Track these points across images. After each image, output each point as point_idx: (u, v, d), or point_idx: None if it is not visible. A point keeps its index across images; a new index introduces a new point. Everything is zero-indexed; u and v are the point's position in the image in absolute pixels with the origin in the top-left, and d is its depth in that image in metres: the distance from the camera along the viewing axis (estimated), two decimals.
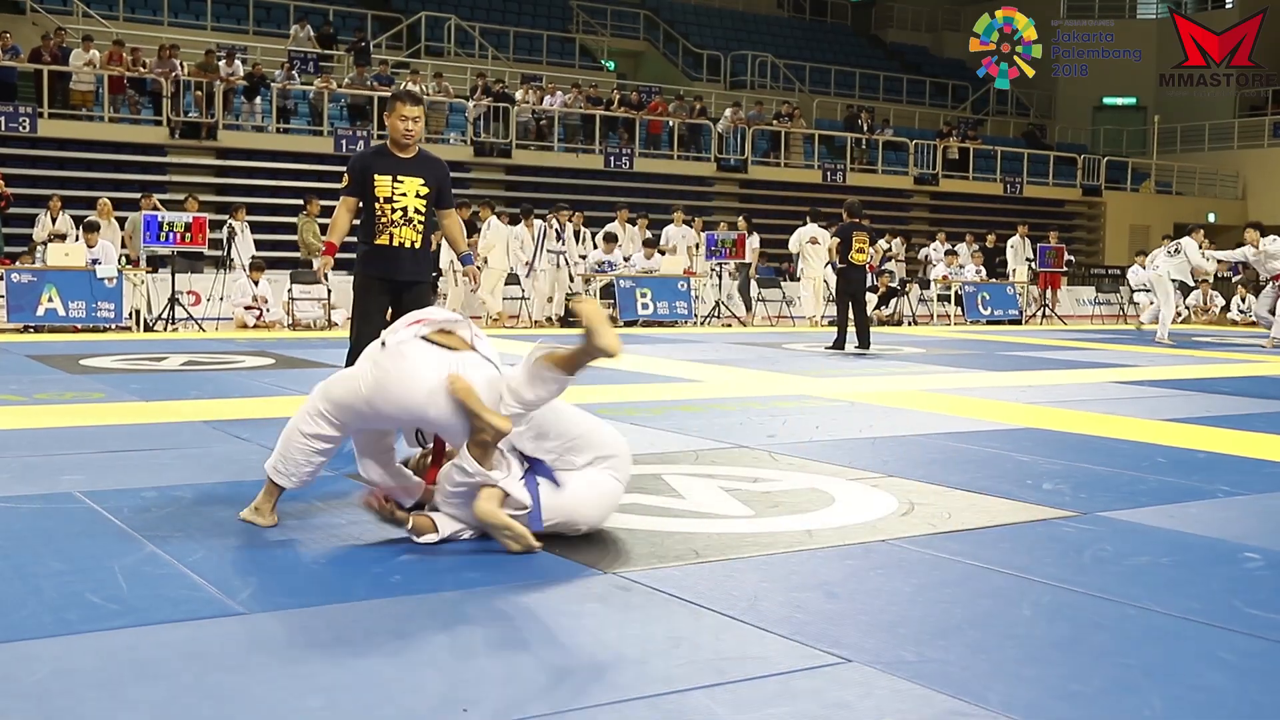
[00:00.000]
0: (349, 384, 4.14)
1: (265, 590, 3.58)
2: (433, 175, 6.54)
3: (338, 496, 4.90)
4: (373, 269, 6.56)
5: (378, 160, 6.55)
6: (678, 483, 5.28)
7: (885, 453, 6.31)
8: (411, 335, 4.10)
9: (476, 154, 24.32)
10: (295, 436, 4.24)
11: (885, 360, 12.47)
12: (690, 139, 27.21)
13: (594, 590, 3.65)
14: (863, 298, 13.90)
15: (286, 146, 22.47)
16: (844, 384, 9.81)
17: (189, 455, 5.85)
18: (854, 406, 8.28)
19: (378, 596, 3.54)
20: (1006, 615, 3.48)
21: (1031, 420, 7.69)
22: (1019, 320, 21.25)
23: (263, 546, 4.10)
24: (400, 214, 6.45)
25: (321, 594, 3.55)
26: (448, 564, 3.90)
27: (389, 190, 6.46)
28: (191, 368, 10.29)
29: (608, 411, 7.42)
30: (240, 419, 7.04)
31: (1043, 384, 10.19)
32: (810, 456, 6.06)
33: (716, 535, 4.34)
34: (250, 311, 16.11)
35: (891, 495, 5.11)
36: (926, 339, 16.35)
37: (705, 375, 10.36)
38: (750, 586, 3.72)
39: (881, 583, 3.79)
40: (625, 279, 17.80)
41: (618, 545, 4.14)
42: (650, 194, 24.64)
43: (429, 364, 4.03)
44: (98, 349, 11.87)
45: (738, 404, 8.27)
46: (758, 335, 16.39)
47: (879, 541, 4.31)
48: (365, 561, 3.93)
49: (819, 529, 4.48)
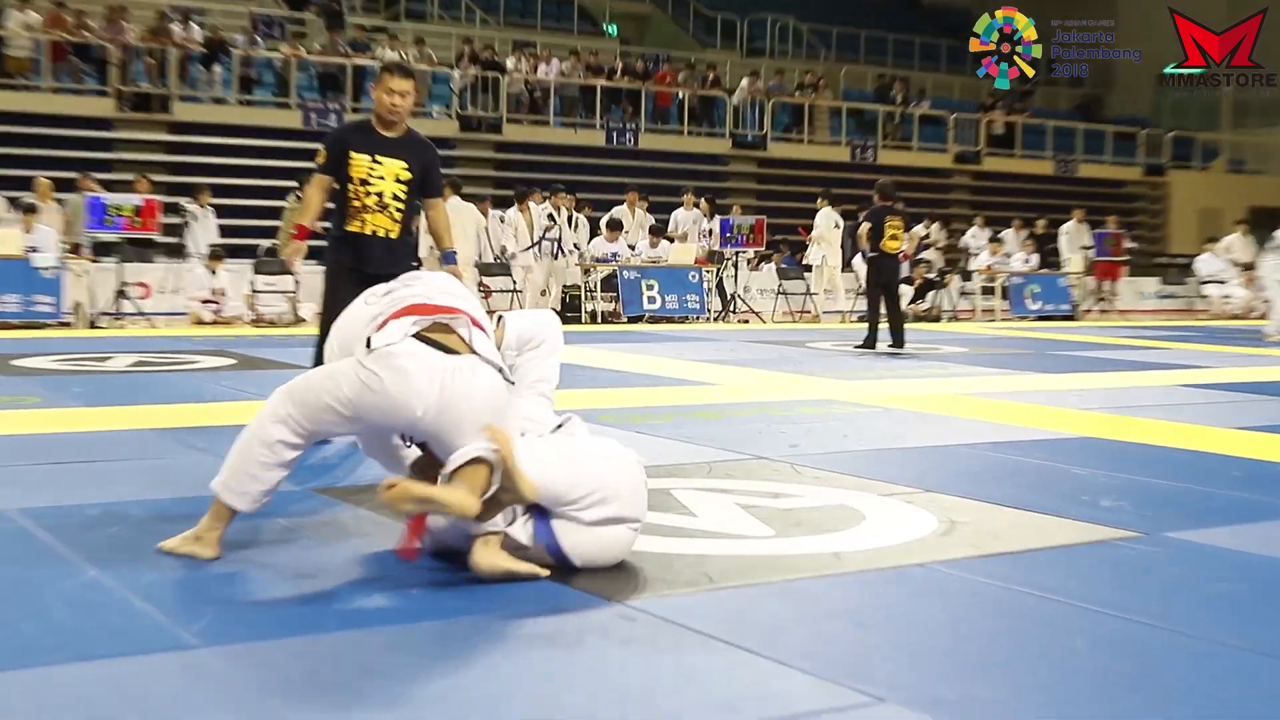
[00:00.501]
0: (324, 387, 4.03)
1: (222, 621, 3.56)
2: (417, 158, 6.52)
3: (306, 515, 4.88)
4: (341, 258, 6.55)
5: (357, 136, 6.53)
6: (689, 499, 5.26)
7: (922, 465, 6.29)
8: (401, 334, 4.01)
9: (463, 129, 24.35)
10: (252, 447, 4.10)
11: (922, 360, 12.45)
12: (702, 113, 27.23)
13: (594, 621, 3.63)
14: (896, 290, 13.89)
15: (249, 120, 22.51)
16: (876, 387, 9.80)
17: (138, 468, 5.84)
18: (887, 412, 8.26)
19: (350, 629, 3.52)
20: (1060, 649, 3.46)
21: (1088, 428, 7.67)
22: (1073, 316, 21.25)
23: (220, 572, 4.07)
24: (375, 199, 6.44)
25: (286, 626, 3.54)
26: (429, 591, 3.88)
27: (365, 171, 6.44)
28: (141, 369, 10.28)
29: (610, 419, 7.40)
30: (196, 426, 7.03)
31: (1100, 387, 10.16)
32: (838, 469, 6.05)
33: (732, 558, 4.33)
34: (208, 306, 16.13)
35: (929, 513, 5.10)
36: (968, 337, 16.33)
37: (719, 377, 10.34)
38: (770, 616, 3.70)
39: (918, 611, 3.78)
40: (630, 269, 17.80)
41: (621, 570, 4.13)
42: (657, 174, 24.65)
43: (425, 373, 3.94)
44: (34, 347, 11.88)
45: (756, 410, 8.26)
46: (779, 333, 16.38)
47: (915, 565, 4.29)
48: (336, 589, 3.91)
49: (848, 551, 4.46)
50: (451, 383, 3.95)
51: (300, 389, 4.11)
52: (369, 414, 4.02)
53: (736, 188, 26.30)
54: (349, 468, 5.94)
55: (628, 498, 4.12)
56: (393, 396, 3.94)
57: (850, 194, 23.91)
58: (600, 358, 11.66)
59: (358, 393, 3.98)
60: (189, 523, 4.48)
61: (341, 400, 4.00)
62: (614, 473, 4.13)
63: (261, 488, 4.15)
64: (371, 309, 4.23)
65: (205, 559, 4.16)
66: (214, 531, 4.20)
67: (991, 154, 29.79)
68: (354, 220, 6.47)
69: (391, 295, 4.27)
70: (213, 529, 4.20)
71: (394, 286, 4.34)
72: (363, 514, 4.91)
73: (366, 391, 3.96)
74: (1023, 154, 30.21)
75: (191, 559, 4.17)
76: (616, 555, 4.14)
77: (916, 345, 14.03)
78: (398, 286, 4.32)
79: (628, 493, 4.12)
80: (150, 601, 3.69)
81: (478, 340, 4.11)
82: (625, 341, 14.14)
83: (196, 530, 4.23)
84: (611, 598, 3.83)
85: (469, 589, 3.90)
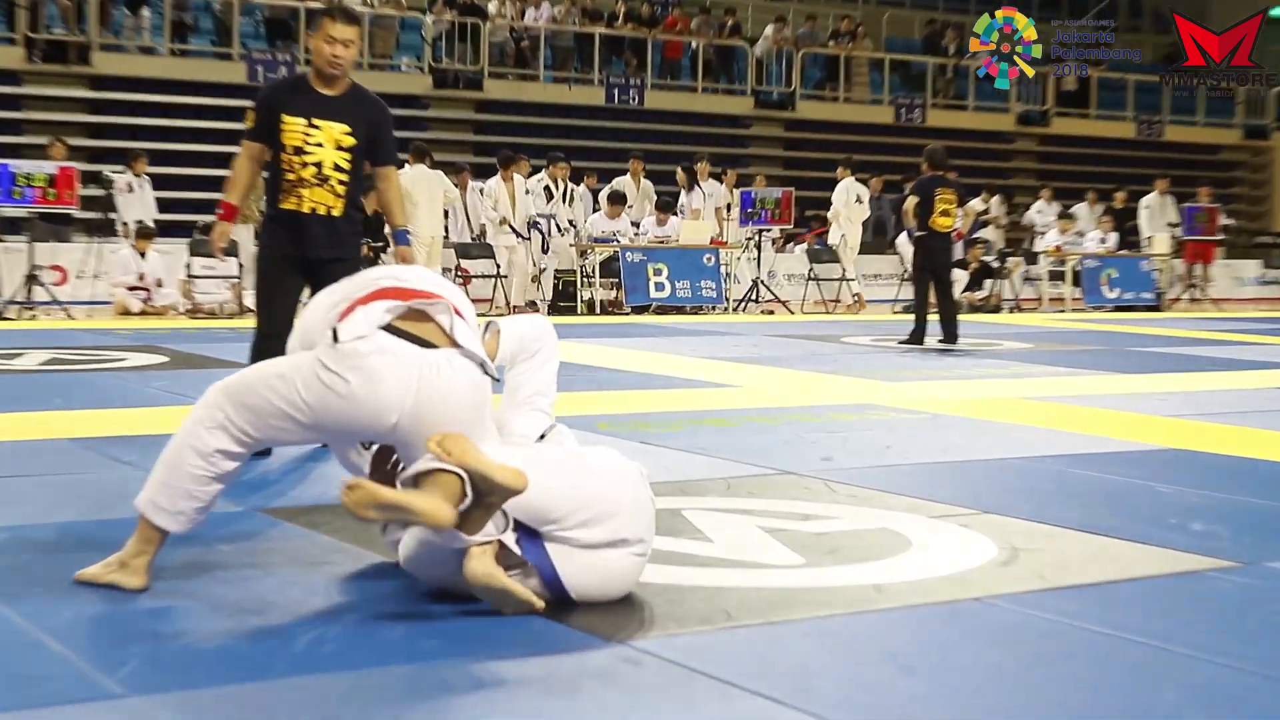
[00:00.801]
0: (276, 388, 4.00)
1: (152, 666, 3.56)
2: (363, 120, 6.48)
3: (249, 539, 4.88)
4: (276, 242, 6.55)
5: (291, 96, 6.50)
6: (703, 521, 5.26)
7: (979, 481, 6.29)
8: (372, 326, 3.98)
9: (437, 85, 24.38)
10: (184, 458, 4.09)
11: (978, 358, 12.45)
12: (720, 66, 27.23)
13: (593, 664, 3.62)
14: (948, 275, 13.88)
15: (183, 74, 22.55)
16: (923, 390, 9.79)
17: (51, 484, 5.84)
18: (937, 420, 8.26)
19: (303, 673, 3.52)
20: (1144, 700, 3.46)
21: (1175, 439, 7.67)
22: (1157, 305, 21.25)
23: (148, 607, 4.07)
24: (313, 170, 6.41)
25: (227, 670, 3.54)
26: (397, 628, 3.88)
27: (300, 138, 6.41)
28: (55, 367, 10.29)
29: (609, 427, 7.41)
30: (121, 436, 7.03)
31: (1190, 390, 10.16)
32: (879, 486, 6.05)
33: (754, 591, 4.32)
34: (135, 293, 16.14)
35: (987, 538, 5.09)
36: (1033, 330, 16.32)
37: (740, 378, 10.34)
38: (799, 659, 3.70)
39: (974, 655, 3.77)
40: (633, 251, 17.81)
41: (624, 605, 4.13)
42: (667, 138, 24.68)
43: (399, 374, 3.94)
44: None
45: (783, 416, 8.26)
46: (809, 326, 16.38)
47: (971, 600, 4.29)
48: (286, 626, 3.91)
49: (890, 583, 4.46)
50: (428, 382, 3.95)
51: (243, 389, 4.07)
52: (332, 422, 4.01)
53: (760, 154, 26.32)
54: (297, 482, 5.95)
55: (630, 517, 4.10)
56: (361, 403, 3.93)
57: (893, 162, 23.94)
58: (599, 355, 11.65)
59: (319, 397, 3.95)
60: (112, 548, 4.48)
61: (298, 406, 3.98)
62: (614, 487, 4.12)
63: (196, 505, 4.13)
64: (334, 295, 4.22)
65: (132, 589, 4.14)
66: (142, 557, 4.18)
67: (1061, 114, 29.80)
68: (289, 196, 6.43)
69: (359, 278, 4.27)
70: (140, 554, 4.18)
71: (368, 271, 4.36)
72: (318, 538, 4.91)
73: (330, 396, 3.94)
74: (1098, 114, 30.22)
75: (115, 590, 4.16)
76: (620, 586, 4.13)
77: (972, 340, 14.02)
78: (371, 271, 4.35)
79: (630, 511, 4.11)
80: (66, 643, 3.69)
81: (459, 330, 4.10)
82: (628, 336, 14.13)
83: (121, 556, 4.21)
84: (612, 637, 3.82)
85: (444, 625, 3.91)
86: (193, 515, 4.15)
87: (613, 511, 4.06)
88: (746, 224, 19.16)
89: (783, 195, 19.20)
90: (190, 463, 4.09)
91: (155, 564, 4.21)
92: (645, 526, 4.16)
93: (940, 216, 13.50)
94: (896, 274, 20.36)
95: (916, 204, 13.56)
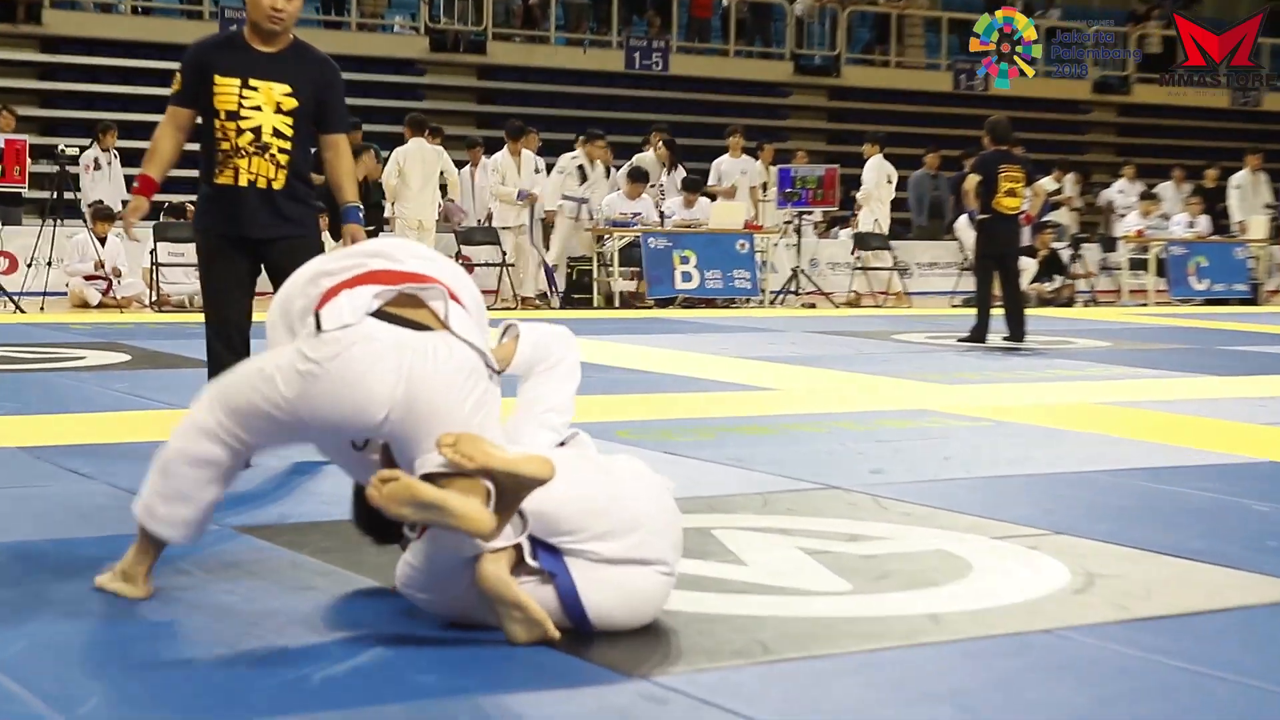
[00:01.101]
0: (256, 385, 4.07)
1: (116, 701, 3.58)
2: (307, 80, 6.41)
3: (227, 562, 4.90)
4: (212, 222, 6.49)
5: (223, 54, 6.43)
6: (736, 541, 5.26)
7: (1049, 498, 6.29)
8: (358, 313, 4.02)
9: (434, 48, 24.43)
10: (177, 464, 4.19)
11: (1048, 358, 12.43)
12: (754, 26, 27.22)
13: (612, 702, 3.64)
14: (1014, 264, 13.86)
15: (147, 35, 22.62)
16: (985, 394, 9.79)
17: (1, 499, 5.87)
18: (1001, 428, 8.26)
19: (288, 712, 3.53)
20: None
21: (1273, 450, 7.66)
22: (1252, 298, 21.17)
23: (114, 636, 4.11)
24: (250, 137, 6.34)
25: (202, 707, 3.55)
26: (393, 659, 3.90)
27: (234, 101, 6.34)
28: (4, 367, 10.33)
29: (631, 435, 7.41)
30: (79, 444, 7.06)
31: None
32: (935, 503, 6.05)
33: (794, 621, 4.33)
34: (94, 283, 16.18)
35: (1059, 562, 5.08)
36: (1111, 327, 16.29)
37: (777, 380, 10.35)
38: (846, 698, 3.70)
39: (1043, 694, 3.77)
40: (657, 236, 17.80)
41: (649, 636, 4.13)
42: (694, 108, 24.70)
43: (386, 362, 3.98)
44: None
45: (826, 423, 8.26)
46: (856, 321, 16.37)
47: (1041, 632, 4.29)
48: (269, 657, 3.93)
49: (949, 613, 4.46)
50: (419, 368, 3.99)
51: (230, 389, 4.17)
52: (315, 419, 4.05)
53: (800, 127, 26.32)
54: (279, 498, 5.97)
55: (656, 532, 4.11)
56: (346, 396, 3.97)
57: (951, 135, 23.89)
58: (618, 353, 11.65)
59: (298, 392, 4.00)
60: (72, 571, 4.52)
61: (278, 403, 4.03)
62: (638, 498, 4.13)
63: (193, 513, 4.26)
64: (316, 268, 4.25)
65: (134, 599, 4.31)
66: (141, 566, 4.35)
67: (1145, 80, 29.68)
68: (223, 169, 6.36)
69: (346, 254, 4.30)
70: (140, 563, 4.35)
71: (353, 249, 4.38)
72: (302, 560, 4.93)
73: (310, 390, 3.99)
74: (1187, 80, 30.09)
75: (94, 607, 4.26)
76: (644, 607, 4.14)
77: (1041, 338, 13.99)
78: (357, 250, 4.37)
79: (656, 526, 4.12)
80: (20, 677, 3.71)
81: (455, 317, 4.12)
82: (651, 332, 14.14)
83: (122, 565, 4.38)
84: (634, 672, 3.83)
85: (444, 656, 3.92)
86: (190, 525, 4.29)
87: (636, 524, 4.07)
88: (785, 205, 19.13)
89: (826, 173, 19.17)
90: (183, 470, 4.20)
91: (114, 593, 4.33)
92: (672, 545, 4.17)
93: (1005, 197, 13.47)
94: (955, 262, 20.33)
95: (978, 183, 13.53)
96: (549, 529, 4.01)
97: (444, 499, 3.79)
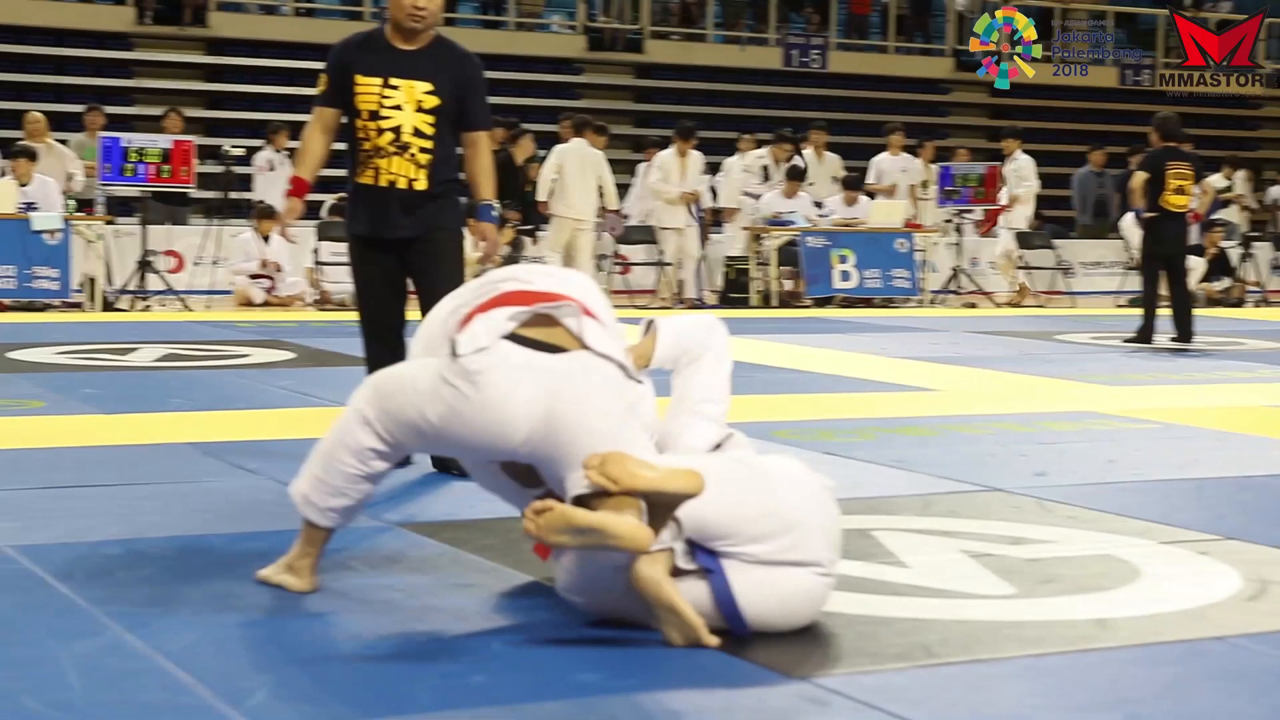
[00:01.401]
0: (410, 398, 4.16)
1: (283, 695, 3.64)
2: (448, 78, 6.34)
3: (385, 557, 4.97)
4: (356, 224, 6.50)
5: (363, 54, 6.38)
6: (897, 543, 5.25)
7: (1220, 502, 6.21)
8: (493, 336, 4.08)
9: (591, 47, 24.54)
10: (337, 454, 4.28)
11: (1217, 359, 12.26)
12: (914, 22, 27.05)
13: (772, 704, 3.64)
14: (1182, 263, 13.67)
15: (309, 36, 22.87)
16: (1153, 396, 9.67)
17: (169, 494, 5.98)
18: (1169, 430, 8.15)
19: (450, 707, 3.57)
20: None
21: None
22: None
23: (280, 631, 4.18)
24: (390, 137, 6.29)
25: (366, 702, 3.60)
26: (554, 658, 3.93)
27: (376, 100, 6.31)
28: (171, 364, 10.52)
29: (788, 435, 7.41)
30: (245, 440, 7.19)
31: None
32: (1101, 506, 5.99)
33: (958, 624, 4.31)
34: (258, 282, 16.42)
35: (1230, 568, 5.02)
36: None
37: (938, 380, 10.29)
38: (1010, 704, 3.68)
39: (1215, 703, 3.73)
40: (815, 235, 17.76)
41: (810, 638, 4.13)
42: (853, 106, 24.57)
43: (525, 389, 4.02)
44: (35, 335, 12.24)
45: (988, 425, 8.20)
46: (1018, 320, 16.22)
47: (1212, 639, 4.23)
48: (431, 653, 3.98)
49: (1116, 618, 4.41)
50: (559, 390, 4.04)
51: (387, 389, 4.26)
52: (456, 439, 4.16)
53: (961, 124, 26.10)
54: (439, 495, 6.01)
55: (814, 533, 4.10)
56: (485, 419, 4.05)
57: (1118, 132, 23.59)
58: (775, 353, 11.65)
59: (441, 413, 4.10)
60: (239, 564, 4.59)
61: (425, 417, 4.14)
62: (795, 499, 4.13)
63: (346, 503, 4.35)
64: (453, 301, 4.34)
65: (299, 592, 4.40)
66: (306, 559, 4.45)
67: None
68: (365, 169, 6.34)
69: (480, 283, 4.37)
70: (305, 555, 4.45)
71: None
72: (463, 557, 4.98)
73: (452, 412, 4.08)
74: None
75: (258, 601, 4.35)
76: (802, 610, 4.13)
77: (1210, 339, 13.79)
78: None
79: (814, 526, 4.11)
80: (188, 669, 3.78)
81: (590, 333, 4.16)
82: (809, 332, 14.12)
83: (287, 558, 4.49)
84: (794, 673, 3.83)
85: (605, 655, 3.94)
86: (343, 514, 4.38)
87: (793, 525, 4.07)
88: (945, 204, 19.00)
89: (987, 171, 19.00)
90: (343, 459, 4.29)
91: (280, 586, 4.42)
92: (832, 545, 4.17)
93: (1173, 195, 13.29)
94: (1121, 261, 20.05)
95: (1145, 181, 13.36)
96: (707, 533, 4.03)
97: (600, 522, 3.83)
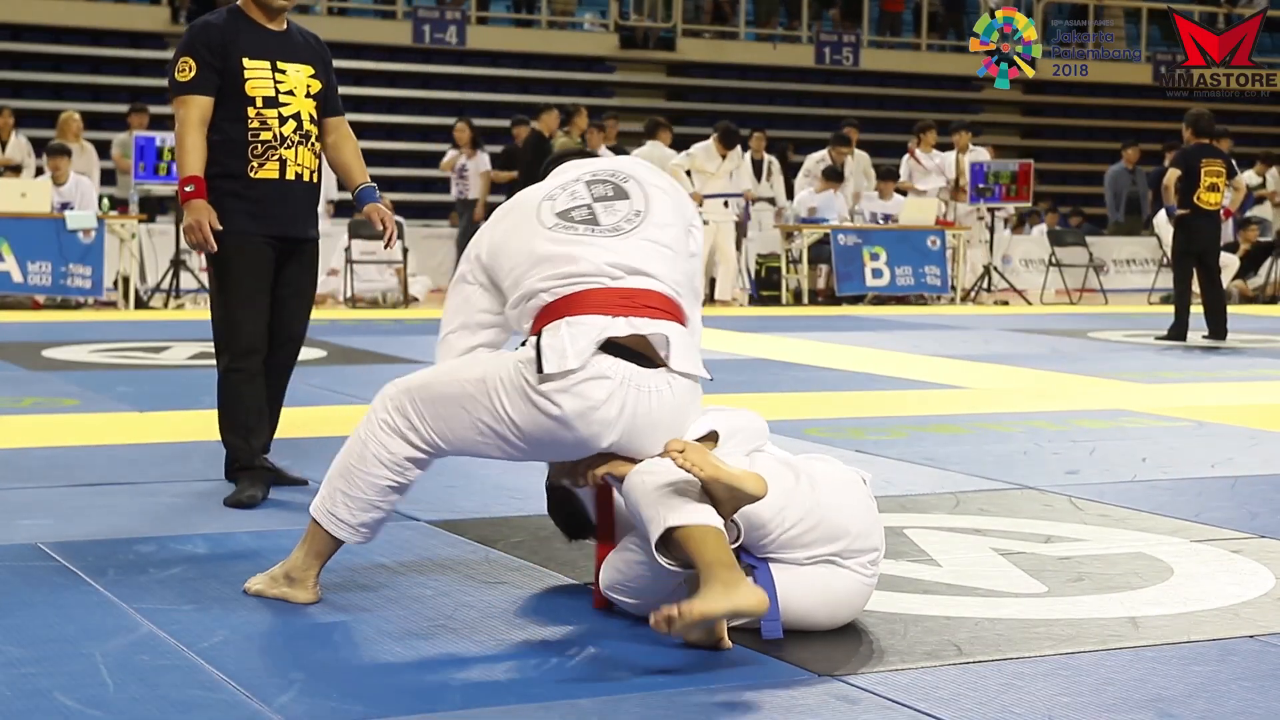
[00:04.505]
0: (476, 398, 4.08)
1: (314, 692, 3.65)
2: (320, 62, 5.97)
3: (417, 555, 4.98)
4: (249, 224, 5.78)
5: (240, 35, 5.82)
6: (929, 541, 5.25)
7: (1254, 500, 6.18)
8: (584, 356, 4.00)
9: (623, 45, 24.55)
10: (368, 466, 4.19)
11: (1251, 357, 12.22)
12: (947, 19, 26.98)
13: (803, 701, 3.64)
14: (1215, 260, 13.62)
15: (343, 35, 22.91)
16: (1186, 394, 9.65)
17: (202, 492, 6.00)
18: (1202, 429, 8.13)
19: (480, 705, 3.58)
20: None
21: None
22: None
23: (310, 628, 4.19)
24: (293, 125, 5.82)
25: (396, 699, 3.62)
26: (583, 656, 3.94)
27: (269, 85, 5.80)
28: (204, 363, 10.56)
29: (819, 433, 7.41)
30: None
31: None
32: (1134, 505, 5.98)
33: (989, 622, 4.31)
34: None
35: (1264, 567, 5.01)
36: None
37: (969, 378, 10.28)
38: (1041, 702, 3.67)
39: (1248, 702, 3.71)
40: (847, 233, 17.74)
41: (840, 636, 4.14)
42: (885, 103, 24.56)
43: (614, 400, 4.01)
44: (69, 334, 12.30)
45: (1019, 423, 8.19)
46: (1050, 318, 16.19)
47: (1245, 639, 4.22)
48: (461, 650, 3.99)
49: (1148, 616, 4.41)
50: (641, 404, 4.04)
51: (435, 396, 4.15)
52: (539, 446, 4.12)
53: (994, 122, 26.03)
54: (466, 492, 6.02)
55: (856, 526, 4.12)
56: (575, 429, 4.03)
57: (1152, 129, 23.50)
58: (807, 351, 11.64)
59: (528, 419, 4.04)
60: (268, 561, 4.60)
61: (505, 422, 4.06)
62: (835, 495, 4.14)
63: (377, 516, 4.27)
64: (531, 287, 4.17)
65: (302, 604, 4.32)
66: (311, 570, 4.35)
67: None
68: (267, 161, 5.77)
69: (558, 276, 4.15)
70: (310, 567, 4.35)
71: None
72: (494, 554, 4.99)
73: (541, 419, 4.03)
74: None
75: (278, 604, 4.33)
76: (841, 612, 4.15)
77: (1244, 336, 13.75)
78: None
79: (856, 520, 4.13)
80: (220, 665, 3.80)
81: (675, 353, 4.09)
82: (840, 329, 14.11)
83: (288, 568, 4.38)
84: (825, 671, 3.83)
85: (635, 654, 3.95)
86: (374, 528, 4.29)
87: (832, 521, 4.08)
88: (977, 201, 18.96)
89: (1019, 168, 18.96)
90: (373, 472, 4.19)
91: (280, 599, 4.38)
92: (876, 539, 4.19)
93: (1206, 192, 13.25)
94: (1154, 259, 19.97)
95: (1178, 178, 13.32)
96: (755, 533, 4.05)
97: (730, 605, 3.80)
